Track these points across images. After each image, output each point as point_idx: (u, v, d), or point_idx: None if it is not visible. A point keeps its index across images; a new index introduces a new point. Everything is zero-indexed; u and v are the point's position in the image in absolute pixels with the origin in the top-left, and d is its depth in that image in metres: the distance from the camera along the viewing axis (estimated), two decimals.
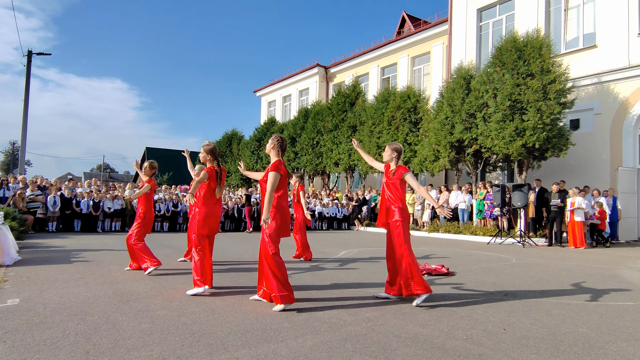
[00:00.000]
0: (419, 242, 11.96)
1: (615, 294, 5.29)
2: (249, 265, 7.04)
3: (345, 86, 21.37)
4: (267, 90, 32.48)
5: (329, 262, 7.62)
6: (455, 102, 14.32)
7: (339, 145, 19.80)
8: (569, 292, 5.33)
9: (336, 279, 5.85)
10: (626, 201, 13.34)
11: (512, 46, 13.14)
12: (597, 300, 4.87)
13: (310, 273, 6.38)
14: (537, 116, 12.11)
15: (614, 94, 14.13)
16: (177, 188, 18.10)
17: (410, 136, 16.59)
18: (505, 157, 13.58)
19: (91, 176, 51.35)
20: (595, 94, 14.58)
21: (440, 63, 20.47)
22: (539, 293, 5.19)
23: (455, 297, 4.91)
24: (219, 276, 5.84)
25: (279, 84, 31.02)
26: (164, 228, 14.55)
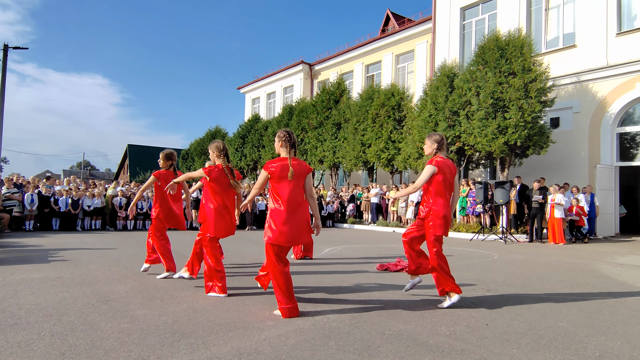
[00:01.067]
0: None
1: (593, 288, 5.38)
2: (240, 267, 6.96)
3: (330, 83, 21.34)
4: (251, 87, 32.27)
5: (312, 260, 7.59)
6: (438, 100, 14.42)
7: (323, 143, 19.77)
8: (549, 287, 5.41)
9: (320, 277, 5.83)
10: (604, 198, 13.63)
11: (494, 45, 13.29)
12: (576, 295, 4.95)
13: (293, 271, 6.35)
14: (518, 114, 12.27)
15: (592, 93, 14.41)
16: None
17: (394, 134, 16.65)
18: (487, 154, 13.74)
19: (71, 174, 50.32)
20: (574, 93, 14.85)
21: (424, 61, 20.59)
22: (520, 288, 5.26)
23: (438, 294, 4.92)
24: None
25: (263, 80, 30.83)
26: (147, 226, 14.32)
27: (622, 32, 13.84)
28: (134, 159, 45.75)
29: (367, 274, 6.09)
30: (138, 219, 14.25)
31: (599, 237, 13.46)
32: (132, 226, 14.07)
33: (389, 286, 5.26)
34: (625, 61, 13.59)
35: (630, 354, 3.12)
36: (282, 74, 29.02)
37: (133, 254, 7.76)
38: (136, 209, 13.92)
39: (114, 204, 13.83)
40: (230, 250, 8.45)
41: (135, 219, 14.19)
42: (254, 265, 6.77)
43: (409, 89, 19.10)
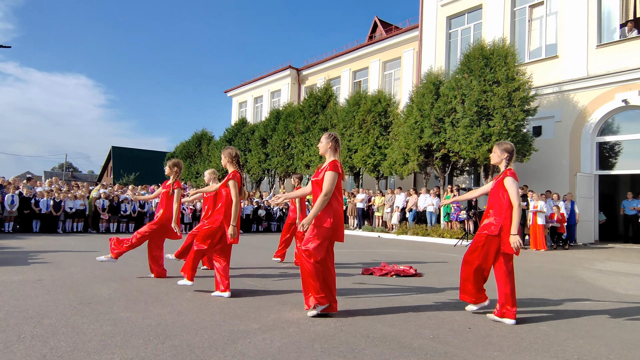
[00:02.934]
0: (387, 244, 12.10)
1: (573, 294, 5.50)
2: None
3: (317, 89, 21.43)
4: (239, 90, 32.19)
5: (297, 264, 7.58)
6: (424, 107, 14.60)
7: (310, 147, 19.81)
8: (530, 292, 5.51)
9: None
10: (584, 206, 13.94)
11: (479, 54, 13.54)
12: (556, 300, 5.06)
13: (279, 275, 6.35)
14: (502, 122, 12.51)
15: (573, 103, 14.77)
16: (143, 188, 17.64)
17: (380, 139, 16.78)
18: (472, 161, 13.95)
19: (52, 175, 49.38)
20: (556, 103, 15.19)
21: (411, 68, 20.84)
22: None
23: (422, 298, 4.98)
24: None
25: (251, 84, 30.79)
26: (130, 229, 14.14)
27: (602, 44, 14.24)
28: (117, 161, 45.15)
29: (352, 277, 6.12)
30: (121, 222, 14.06)
31: (579, 243, 13.74)
32: (114, 229, 13.87)
33: (373, 290, 5.29)
34: (605, 72, 13.97)
35: (607, 356, 3.21)
36: (269, 78, 29.02)
37: None
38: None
39: (96, 206, 13.62)
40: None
41: (119, 222, 14.00)
42: (239, 267, 6.75)
43: (396, 96, 19.29)
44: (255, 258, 8.14)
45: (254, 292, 5.00)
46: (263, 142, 22.82)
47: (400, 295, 5.04)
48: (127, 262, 7.09)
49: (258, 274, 6.36)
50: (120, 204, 13.93)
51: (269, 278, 6.01)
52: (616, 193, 18.72)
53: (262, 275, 6.25)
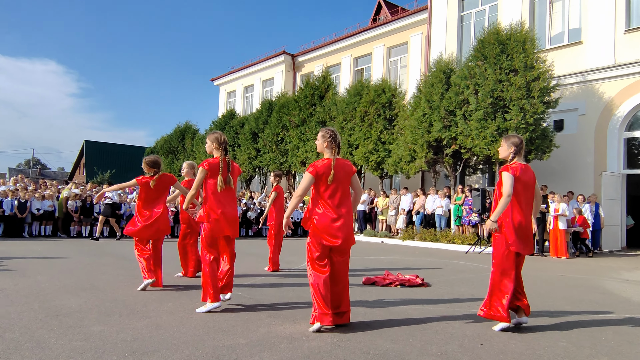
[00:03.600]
0: (391, 251, 12.12)
1: (597, 306, 5.52)
2: None
3: (314, 77, 21.43)
4: (227, 79, 32.17)
5: (292, 273, 7.60)
6: (433, 98, 14.62)
7: (306, 143, 19.80)
8: (549, 304, 5.53)
9: (299, 291, 5.84)
10: (609, 208, 13.99)
11: (494, 39, 13.56)
12: (578, 313, 5.07)
13: (271, 284, 6.34)
14: (520, 115, 12.54)
15: (599, 94, 14.82)
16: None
17: (384, 134, 16.80)
18: (486, 158, 13.98)
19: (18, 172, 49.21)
20: (580, 94, 15.23)
21: (419, 55, 20.87)
22: None
23: (429, 310, 4.99)
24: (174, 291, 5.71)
25: (240, 72, 30.78)
26: (104, 233, 14.12)
27: (631, 28, 14.28)
28: (91, 157, 45.06)
29: (352, 288, 6.10)
30: (95, 225, 14.03)
31: (604, 250, 13.79)
32: (87, 233, 13.84)
33: (375, 302, 5.30)
34: (633, 60, 14.02)
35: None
36: (261, 65, 29.01)
37: (88, 264, 7.65)
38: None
39: (68, 208, 13.59)
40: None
41: (92, 225, 13.97)
42: None
43: (402, 85, 19.30)
44: (244, 266, 8.14)
45: (242, 303, 5.00)
46: (254, 136, 22.80)
47: (404, 308, 5.05)
48: (100, 269, 7.08)
49: (246, 283, 6.36)
50: (94, 205, 13.90)
51: (258, 288, 6.01)
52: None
53: (251, 284, 6.25)
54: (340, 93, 21.00)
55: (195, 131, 28.63)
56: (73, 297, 5.03)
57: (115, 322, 4.06)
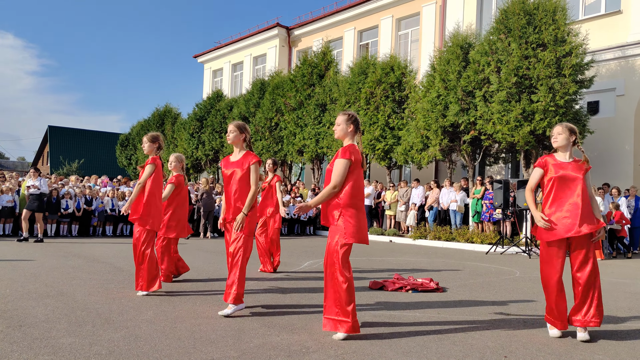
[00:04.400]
0: (401, 251, 12.15)
1: (637, 314, 5.55)
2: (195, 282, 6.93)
3: (313, 53, 21.35)
4: (212, 55, 32.07)
5: (290, 276, 7.61)
6: (449, 77, 14.58)
7: (303, 129, 19.77)
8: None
9: (298, 296, 5.85)
10: None
11: (520, 9, 13.50)
12: (616, 322, 5.09)
13: (266, 289, 6.36)
14: (548, 96, 12.52)
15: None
16: (90, 179, 17.60)
17: (393, 118, 16.77)
18: (509, 146, 13.98)
19: None
20: (618, 72, 15.20)
21: (432, 27, 20.79)
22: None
23: (446, 318, 5.01)
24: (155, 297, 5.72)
25: (228, 47, 30.67)
26: (73, 232, 14.12)
27: None
28: (56, 144, 45.01)
29: (358, 292, 6.13)
30: (62, 223, 14.03)
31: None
32: (53, 232, 13.85)
33: (384, 309, 5.31)
34: None
35: None
36: (251, 39, 28.89)
37: (55, 267, 7.65)
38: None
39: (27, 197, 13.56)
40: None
41: (58, 223, 13.97)
42: (211, 280, 6.75)
43: (413, 63, 19.25)
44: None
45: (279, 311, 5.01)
46: (244, 121, 22.72)
47: (417, 315, 5.06)
48: (69, 273, 7.09)
49: None
50: (61, 200, 13.90)
51: (251, 294, 6.02)
52: None
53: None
54: (342, 72, 20.94)
55: (177, 115, 28.58)
56: (39, 305, 5.03)
57: (88, 333, 4.06)
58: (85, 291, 5.80)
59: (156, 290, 5.71)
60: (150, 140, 5.95)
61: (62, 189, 14.41)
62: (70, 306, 5.00)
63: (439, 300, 5.90)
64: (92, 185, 16.07)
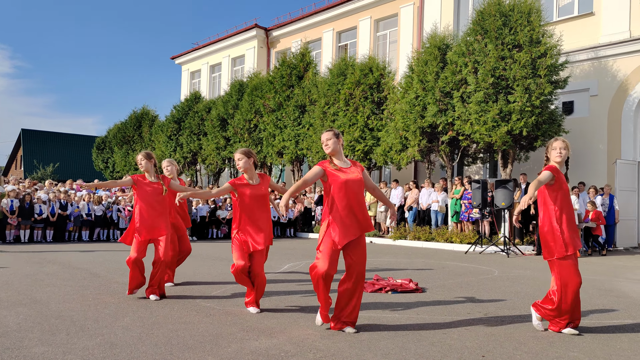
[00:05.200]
0: (381, 252, 12.19)
1: (611, 310, 5.64)
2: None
3: (292, 54, 21.32)
4: (190, 56, 31.87)
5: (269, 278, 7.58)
6: (427, 78, 14.69)
7: (283, 130, 19.73)
8: None
9: (277, 300, 5.83)
10: (625, 200, 14.31)
11: (496, 10, 13.66)
12: (590, 319, 5.18)
13: (244, 292, 6.32)
14: (525, 97, 12.69)
15: (612, 72, 15.09)
16: (65, 184, 17.31)
17: (372, 120, 16.83)
18: (487, 146, 14.13)
19: None
20: (591, 72, 15.49)
21: (410, 28, 20.92)
22: (524, 311, 5.44)
23: (425, 319, 5.04)
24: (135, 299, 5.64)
25: (205, 49, 30.51)
26: (48, 237, 13.88)
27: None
28: (30, 148, 44.21)
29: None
30: (35, 229, 13.79)
31: (619, 247, 14.12)
32: (26, 237, 13.60)
33: (363, 310, 5.32)
34: None
35: None
36: (229, 40, 28.77)
37: (29, 274, 7.51)
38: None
39: (2, 208, 13.31)
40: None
41: (32, 228, 13.72)
42: (191, 283, 6.69)
43: (391, 64, 19.35)
44: (212, 272, 8.09)
45: (211, 315, 4.97)
46: (222, 123, 22.61)
47: (396, 316, 5.08)
48: (43, 280, 6.96)
49: (214, 294, 6.32)
50: (34, 205, 13.66)
51: (229, 298, 5.98)
52: None
53: (220, 294, 6.22)
54: (321, 73, 20.95)
55: (154, 117, 28.28)
56: (10, 313, 4.93)
57: (62, 341, 3.99)
58: (59, 298, 5.71)
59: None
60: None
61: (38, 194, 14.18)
62: (44, 314, 4.91)
63: (418, 301, 5.93)
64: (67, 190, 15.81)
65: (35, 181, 18.19)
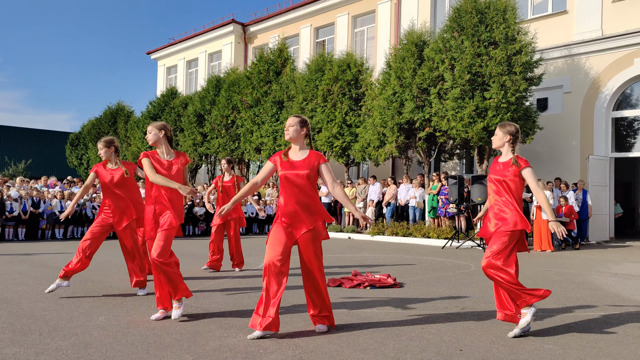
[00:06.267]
0: (359, 248, 12.23)
1: (584, 303, 5.76)
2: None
3: (269, 50, 21.24)
4: (166, 52, 31.58)
5: (243, 275, 7.54)
6: (405, 74, 14.76)
7: (261, 126, 19.64)
8: None
9: (254, 296, 5.80)
10: (597, 195, 14.60)
11: (472, 7, 13.79)
12: (564, 311, 5.27)
13: (222, 289, 6.27)
14: (500, 93, 12.85)
15: (585, 70, 15.37)
16: (38, 181, 16.95)
17: (350, 116, 16.86)
18: (463, 142, 14.28)
19: None
20: (565, 69, 15.75)
21: (388, 25, 21.00)
22: None
23: (403, 314, 5.06)
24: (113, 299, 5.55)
25: (182, 44, 30.25)
26: (20, 235, 13.59)
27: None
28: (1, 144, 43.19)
29: None
30: (7, 226, 13.48)
31: (592, 242, 14.41)
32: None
33: (342, 306, 5.33)
34: (622, 32, 14.59)
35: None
36: (206, 35, 28.55)
37: (1, 273, 7.34)
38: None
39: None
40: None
41: (3, 226, 13.41)
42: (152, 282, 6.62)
43: (369, 60, 19.40)
44: (190, 269, 8.01)
45: (188, 313, 4.92)
46: (199, 118, 22.42)
47: (375, 312, 5.10)
48: (15, 279, 6.81)
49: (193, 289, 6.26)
50: (5, 202, 13.34)
51: (207, 293, 5.93)
52: (635, 180, 19.73)
53: (198, 291, 6.16)
54: (299, 69, 20.89)
55: (130, 113, 27.94)
56: None
57: (34, 342, 3.91)
58: (31, 298, 5.58)
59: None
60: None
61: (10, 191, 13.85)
62: (15, 314, 4.80)
63: (396, 296, 5.96)
64: (39, 187, 15.48)
65: (6, 178, 17.78)
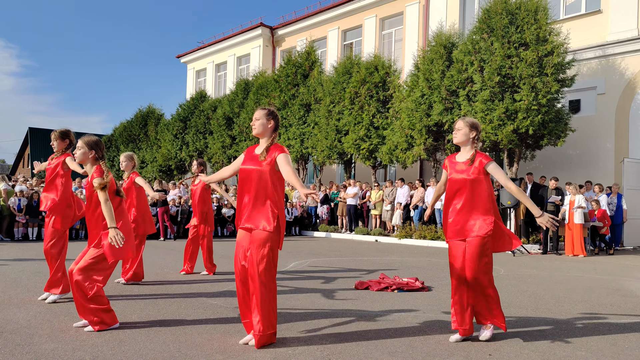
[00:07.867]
0: (387, 251, 12.19)
1: (619, 310, 5.63)
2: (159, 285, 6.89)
3: (297, 53, 21.34)
4: (195, 55, 31.91)
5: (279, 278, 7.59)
6: (433, 76, 14.67)
7: (288, 129, 19.76)
8: (566, 309, 5.62)
9: (283, 298, 5.84)
10: (633, 199, 14.22)
11: (502, 8, 13.63)
12: (598, 318, 5.17)
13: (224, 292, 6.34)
14: (531, 95, 12.65)
15: (620, 71, 15.02)
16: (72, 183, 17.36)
17: (377, 118, 16.83)
18: (493, 145, 14.10)
19: None
20: (598, 70, 15.42)
21: (416, 27, 20.89)
22: (531, 311, 5.44)
23: (431, 317, 5.04)
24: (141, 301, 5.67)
25: (211, 48, 30.54)
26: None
27: None
28: (37, 147, 44.35)
29: (343, 292, 6.15)
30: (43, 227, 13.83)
31: (627, 247, 14.05)
32: (34, 235, 13.67)
33: (369, 309, 5.33)
34: None
35: None
36: (235, 39, 28.80)
37: (36, 272, 7.55)
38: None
39: (10, 207, 13.39)
40: (167, 266, 8.35)
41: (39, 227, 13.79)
42: (195, 282, 6.73)
43: (397, 62, 19.33)
44: (219, 269, 8.12)
45: (218, 313, 4.99)
46: (228, 121, 22.66)
47: (403, 315, 5.09)
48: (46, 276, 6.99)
49: (221, 289, 6.34)
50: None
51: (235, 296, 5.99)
52: None
53: (228, 290, 6.24)
54: (326, 71, 20.95)
55: (160, 116, 28.38)
56: (20, 310, 4.97)
57: (72, 338, 4.02)
58: (68, 296, 5.73)
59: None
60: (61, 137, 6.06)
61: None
62: (53, 311, 4.95)
63: (424, 300, 5.94)
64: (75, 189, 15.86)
65: (42, 180, 18.29)
